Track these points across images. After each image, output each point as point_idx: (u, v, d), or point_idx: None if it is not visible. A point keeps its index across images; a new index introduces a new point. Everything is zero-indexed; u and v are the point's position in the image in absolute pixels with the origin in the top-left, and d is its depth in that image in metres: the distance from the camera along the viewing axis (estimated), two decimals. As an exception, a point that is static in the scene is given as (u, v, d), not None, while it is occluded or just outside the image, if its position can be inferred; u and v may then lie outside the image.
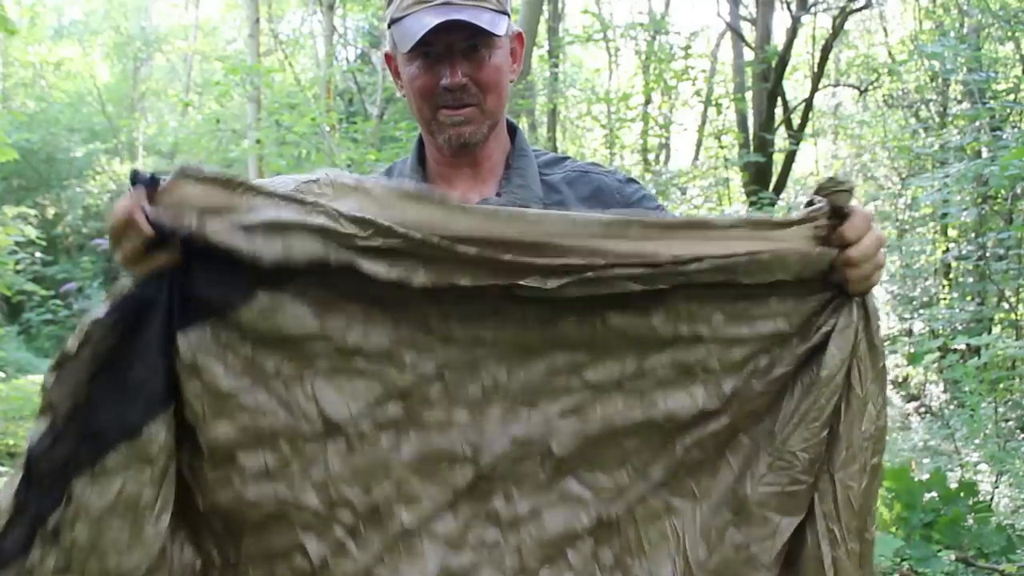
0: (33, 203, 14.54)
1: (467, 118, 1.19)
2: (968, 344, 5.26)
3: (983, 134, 6.62)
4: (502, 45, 1.21)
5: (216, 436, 0.92)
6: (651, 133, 8.97)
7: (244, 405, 0.93)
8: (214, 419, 0.92)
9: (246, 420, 0.93)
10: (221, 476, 0.93)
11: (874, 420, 0.96)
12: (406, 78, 1.23)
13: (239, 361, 0.93)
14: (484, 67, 1.19)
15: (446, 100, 1.19)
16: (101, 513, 0.88)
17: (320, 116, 7.23)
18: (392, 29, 1.21)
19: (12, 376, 8.79)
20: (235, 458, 0.93)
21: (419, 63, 1.19)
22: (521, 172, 1.26)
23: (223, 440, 0.93)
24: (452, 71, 1.17)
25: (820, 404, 0.96)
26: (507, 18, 1.19)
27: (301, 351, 0.94)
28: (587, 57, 16.75)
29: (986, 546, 3.33)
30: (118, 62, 18.55)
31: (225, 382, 0.92)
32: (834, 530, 0.96)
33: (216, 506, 0.95)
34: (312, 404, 0.94)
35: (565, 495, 0.98)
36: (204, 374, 0.91)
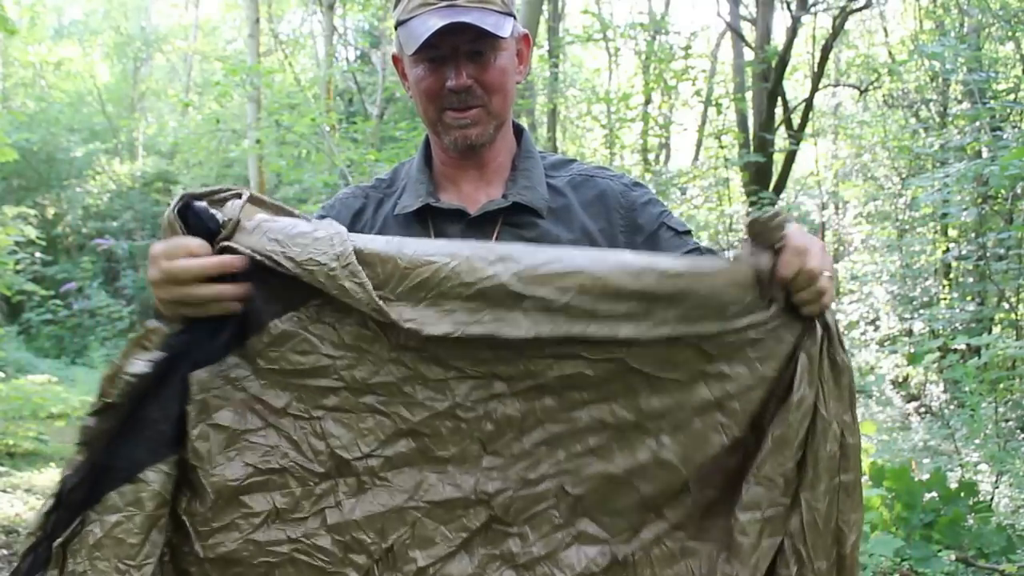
0: (33, 203, 14.54)
1: (473, 120, 1.20)
2: (968, 344, 5.26)
3: (983, 134, 6.62)
4: (507, 47, 1.21)
5: (224, 477, 0.92)
6: (651, 133, 8.95)
7: (253, 444, 0.93)
8: (222, 460, 0.92)
9: (255, 459, 0.92)
10: (228, 520, 0.92)
11: (839, 439, 0.96)
12: (412, 80, 1.23)
13: (248, 399, 0.93)
14: (489, 69, 1.19)
15: (452, 102, 1.19)
16: (93, 549, 0.90)
17: (320, 116, 7.22)
18: (399, 31, 1.21)
19: (12, 376, 8.78)
20: (243, 501, 0.92)
21: (425, 65, 1.19)
22: (527, 174, 1.26)
23: (231, 481, 0.92)
24: (457, 73, 1.17)
25: (793, 427, 0.95)
26: (512, 20, 1.19)
27: (311, 387, 0.93)
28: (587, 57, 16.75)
29: (986, 546, 3.32)
30: (118, 62, 18.55)
31: (233, 421, 0.92)
32: (800, 551, 0.96)
33: (219, 553, 0.93)
34: (322, 442, 0.93)
35: (581, 535, 0.97)
36: (212, 413, 0.92)
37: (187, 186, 15.49)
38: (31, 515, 4.44)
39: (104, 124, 17.02)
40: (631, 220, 1.25)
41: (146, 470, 0.91)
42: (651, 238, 1.24)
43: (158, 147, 16.62)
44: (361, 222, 1.28)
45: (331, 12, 11.19)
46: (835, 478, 0.96)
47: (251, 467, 0.92)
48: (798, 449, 0.96)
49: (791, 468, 0.96)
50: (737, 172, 7.71)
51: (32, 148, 14.63)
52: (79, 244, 15.94)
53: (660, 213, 1.26)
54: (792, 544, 0.96)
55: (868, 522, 3.46)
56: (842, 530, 0.96)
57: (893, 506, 3.51)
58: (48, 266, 13.55)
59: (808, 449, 0.96)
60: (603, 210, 1.25)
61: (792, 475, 0.96)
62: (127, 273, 14.90)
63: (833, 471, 0.96)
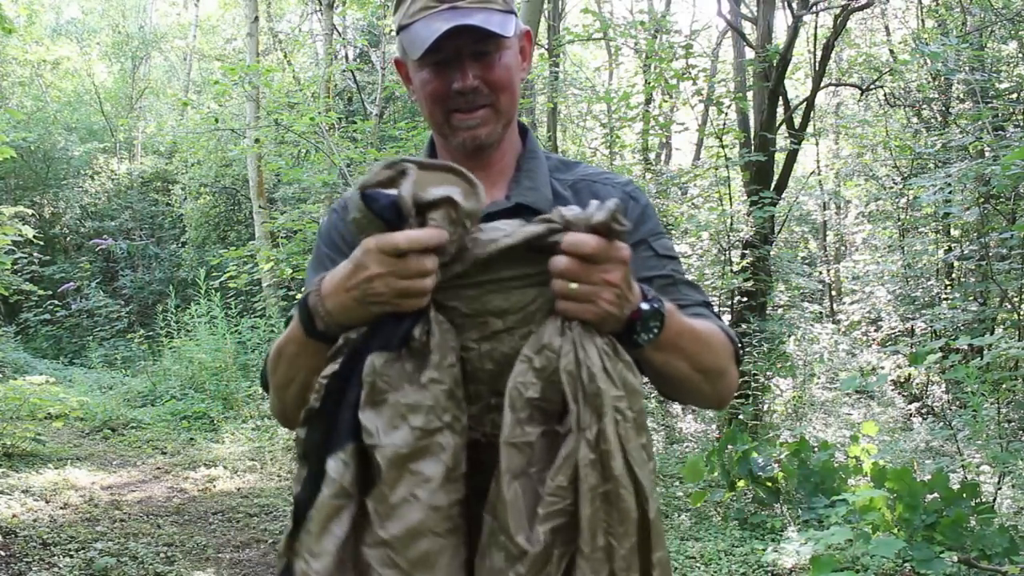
0: (31, 202, 14.53)
1: (482, 120, 1.19)
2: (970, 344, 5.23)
3: (986, 133, 6.60)
4: (511, 45, 1.20)
5: (394, 445, 0.94)
6: (652, 132, 8.93)
7: (416, 407, 0.96)
8: (389, 430, 0.94)
9: (420, 422, 0.95)
10: (405, 493, 0.93)
11: (593, 448, 0.93)
12: (417, 83, 1.22)
13: (413, 375, 0.97)
14: (495, 68, 1.18)
15: (459, 104, 1.18)
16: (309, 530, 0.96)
17: (319, 115, 7.20)
18: (401, 36, 1.19)
19: (10, 376, 8.77)
20: (414, 468, 0.94)
21: (430, 68, 1.18)
22: (531, 174, 1.25)
23: (401, 449, 0.94)
24: (463, 74, 1.16)
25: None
26: (514, 17, 1.19)
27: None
28: (587, 56, 16.74)
29: (989, 547, 3.30)
30: (116, 61, 18.55)
31: (400, 396, 0.96)
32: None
33: (404, 529, 0.94)
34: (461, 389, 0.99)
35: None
36: (380, 394, 0.96)
37: (186, 186, 15.59)
38: (28, 516, 4.42)
39: (102, 123, 17.02)
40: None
41: (327, 459, 0.95)
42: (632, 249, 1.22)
43: (156, 146, 16.62)
44: None
45: (330, 11, 11.18)
46: (596, 487, 0.93)
47: (417, 430, 0.95)
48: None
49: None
50: (738, 172, 7.68)
51: (30, 147, 14.61)
52: (77, 244, 15.93)
53: (649, 231, 1.25)
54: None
55: (870, 523, 3.44)
56: (611, 544, 0.94)
57: (895, 507, 3.49)
58: (46, 266, 13.53)
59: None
60: None
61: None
62: (125, 273, 14.88)
63: (591, 479, 0.93)
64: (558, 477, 0.93)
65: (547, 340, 0.96)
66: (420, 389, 0.96)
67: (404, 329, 0.97)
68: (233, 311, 9.56)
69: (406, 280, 0.94)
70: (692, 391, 1.13)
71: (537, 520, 0.92)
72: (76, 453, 6.22)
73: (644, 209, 1.27)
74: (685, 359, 1.09)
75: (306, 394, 1.07)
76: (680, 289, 1.22)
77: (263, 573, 3.98)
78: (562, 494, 0.92)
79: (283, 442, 6.45)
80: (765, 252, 7.06)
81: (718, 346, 1.14)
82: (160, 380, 8.75)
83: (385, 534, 0.92)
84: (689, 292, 1.23)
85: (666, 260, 1.24)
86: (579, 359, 0.95)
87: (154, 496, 5.18)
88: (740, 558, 3.96)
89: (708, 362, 1.12)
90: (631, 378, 0.97)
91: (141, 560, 3.89)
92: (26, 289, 9.82)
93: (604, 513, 0.93)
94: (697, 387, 1.12)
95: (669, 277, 1.22)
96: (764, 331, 6.72)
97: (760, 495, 4.56)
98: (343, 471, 0.94)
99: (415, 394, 0.95)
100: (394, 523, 0.92)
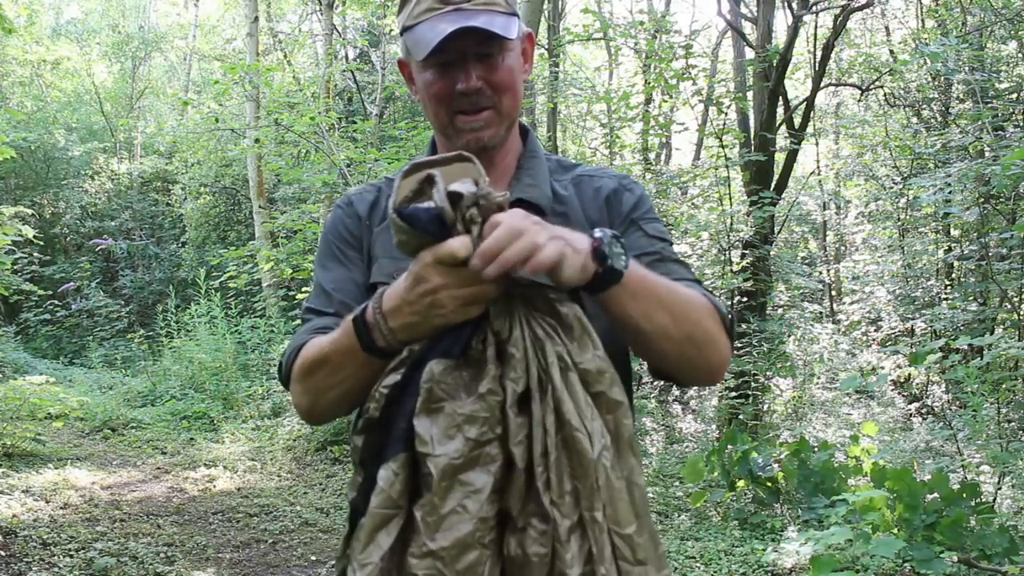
0: (31, 202, 14.52)
1: (486, 122, 1.20)
2: (970, 344, 5.23)
3: (985, 133, 6.60)
4: (514, 47, 1.22)
5: (447, 454, 0.94)
6: (651, 132, 8.93)
7: (473, 418, 0.95)
8: (443, 439, 0.94)
9: (475, 433, 0.95)
10: (454, 504, 0.93)
11: (544, 397, 0.95)
12: (421, 85, 1.23)
13: (469, 385, 0.98)
14: (498, 70, 1.19)
15: (462, 105, 1.19)
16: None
17: (319, 115, 7.20)
18: (405, 37, 1.20)
19: (9, 376, 8.77)
20: (464, 479, 0.94)
21: (434, 70, 1.19)
22: (531, 172, 1.27)
23: (454, 459, 0.94)
24: (467, 76, 1.17)
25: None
26: (517, 19, 1.20)
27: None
28: (587, 56, 16.74)
29: (989, 547, 3.30)
30: (116, 61, 18.54)
31: (456, 406, 0.96)
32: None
33: (452, 541, 0.94)
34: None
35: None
36: (436, 402, 0.96)
37: (186, 186, 15.58)
38: (28, 516, 4.42)
39: (102, 123, 17.02)
40: (616, 211, 1.26)
41: (381, 468, 0.96)
42: (622, 234, 1.21)
43: (156, 146, 16.61)
44: (377, 213, 1.29)
45: (330, 11, 11.17)
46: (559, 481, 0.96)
47: (471, 441, 0.95)
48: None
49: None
50: (738, 172, 7.67)
51: (30, 147, 14.61)
52: (77, 244, 15.93)
53: (641, 215, 1.26)
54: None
55: (870, 523, 3.44)
56: (576, 487, 0.95)
57: (895, 507, 3.49)
58: (46, 266, 13.53)
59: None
60: (598, 205, 1.26)
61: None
62: (125, 273, 14.88)
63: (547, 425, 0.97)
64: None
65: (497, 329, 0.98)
66: (477, 399, 0.95)
67: (465, 337, 0.98)
68: (233, 311, 9.56)
69: (468, 288, 0.94)
70: (680, 356, 1.10)
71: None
72: (76, 453, 6.22)
73: (638, 199, 1.28)
74: (665, 311, 1.06)
75: (345, 398, 1.09)
76: (668, 266, 1.21)
77: (263, 573, 3.98)
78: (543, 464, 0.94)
79: (283, 442, 6.44)
80: (765, 252, 7.06)
81: (701, 308, 1.11)
82: (160, 380, 8.75)
83: (434, 545, 0.92)
84: (678, 269, 1.22)
85: (656, 240, 1.24)
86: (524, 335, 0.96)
87: (154, 496, 5.18)
88: (740, 558, 3.96)
89: (692, 320, 1.09)
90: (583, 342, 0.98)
91: (141, 560, 3.89)
92: (26, 289, 9.82)
93: (566, 458, 0.93)
94: (687, 353, 1.09)
95: (657, 254, 1.21)
96: (764, 331, 6.72)
97: (760, 495, 4.56)
98: (392, 481, 0.95)
99: (472, 404, 0.95)
100: (443, 534, 0.92)
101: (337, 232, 1.29)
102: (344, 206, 1.32)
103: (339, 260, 1.28)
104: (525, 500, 0.93)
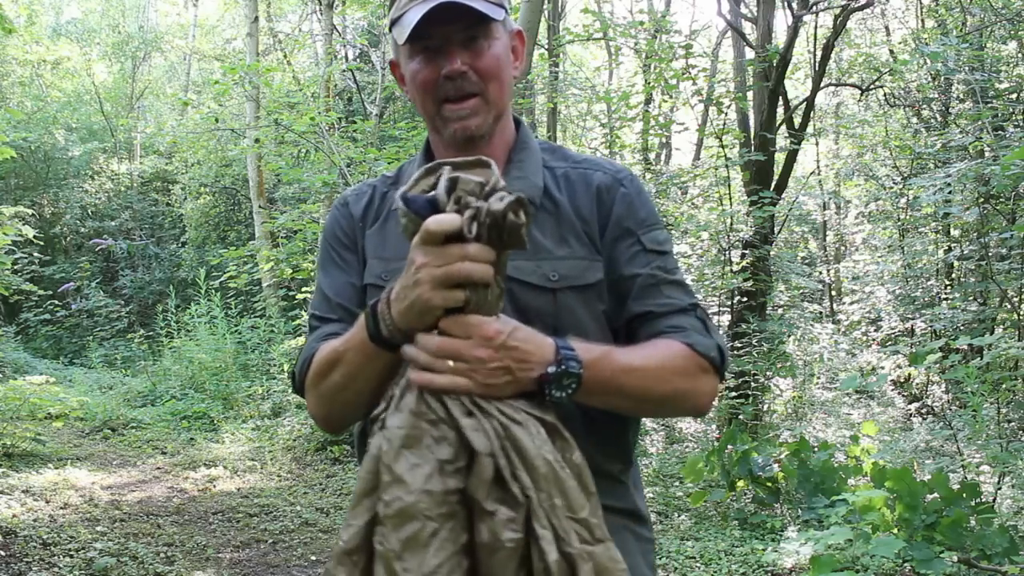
0: (31, 202, 14.52)
1: (472, 110, 1.18)
2: (970, 344, 5.23)
3: (985, 133, 6.60)
4: (500, 36, 1.21)
5: (394, 424, 0.99)
6: (652, 132, 8.93)
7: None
8: (394, 413, 1.00)
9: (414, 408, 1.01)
10: (400, 471, 0.97)
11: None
12: (408, 75, 1.22)
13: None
14: (484, 55, 1.18)
15: (448, 91, 1.18)
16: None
17: (319, 115, 7.20)
18: (393, 30, 1.20)
19: (9, 376, 8.77)
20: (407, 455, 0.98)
21: (419, 58, 1.19)
22: (521, 165, 1.25)
23: (399, 426, 0.98)
24: (451, 59, 1.16)
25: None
26: (504, 10, 1.19)
27: None
28: (587, 56, 16.73)
29: (989, 547, 3.30)
30: (116, 61, 18.53)
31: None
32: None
33: (395, 509, 0.98)
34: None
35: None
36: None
37: (186, 186, 15.56)
38: (28, 516, 4.42)
39: (102, 123, 17.01)
40: (607, 208, 1.22)
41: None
42: (615, 240, 1.20)
43: (156, 146, 16.59)
44: (371, 213, 1.29)
45: (330, 11, 11.17)
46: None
47: (413, 415, 0.98)
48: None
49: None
50: (738, 171, 7.67)
51: (30, 147, 14.62)
52: (77, 244, 15.92)
53: (638, 221, 1.22)
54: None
55: (870, 523, 3.44)
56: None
57: (895, 507, 3.49)
58: (46, 266, 13.53)
59: None
60: (590, 198, 1.22)
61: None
62: (125, 273, 14.88)
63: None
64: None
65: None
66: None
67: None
68: (233, 311, 9.56)
69: (444, 266, 0.94)
70: (656, 414, 1.13)
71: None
72: (76, 453, 6.22)
73: (634, 198, 1.23)
74: (624, 398, 1.07)
75: (359, 400, 1.10)
76: (662, 290, 1.18)
77: (263, 573, 3.98)
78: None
79: (283, 442, 6.45)
80: (765, 252, 7.06)
81: (670, 373, 1.11)
82: (160, 380, 8.75)
83: (382, 511, 0.95)
84: (673, 293, 1.19)
85: (653, 256, 1.20)
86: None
87: (154, 496, 5.18)
88: (740, 558, 3.96)
89: (657, 393, 1.10)
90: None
91: (141, 560, 3.89)
92: (26, 289, 9.83)
93: (513, 450, 0.96)
94: (654, 413, 1.11)
95: (652, 277, 1.18)
96: (764, 331, 6.72)
97: (760, 495, 4.56)
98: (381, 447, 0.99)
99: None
100: (388, 503, 0.95)
101: (334, 235, 1.30)
102: (340, 207, 1.33)
103: (336, 264, 1.29)
104: (491, 487, 0.94)
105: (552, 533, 0.93)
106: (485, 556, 0.94)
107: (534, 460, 0.95)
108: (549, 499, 0.94)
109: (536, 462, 0.95)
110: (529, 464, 0.95)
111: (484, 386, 0.96)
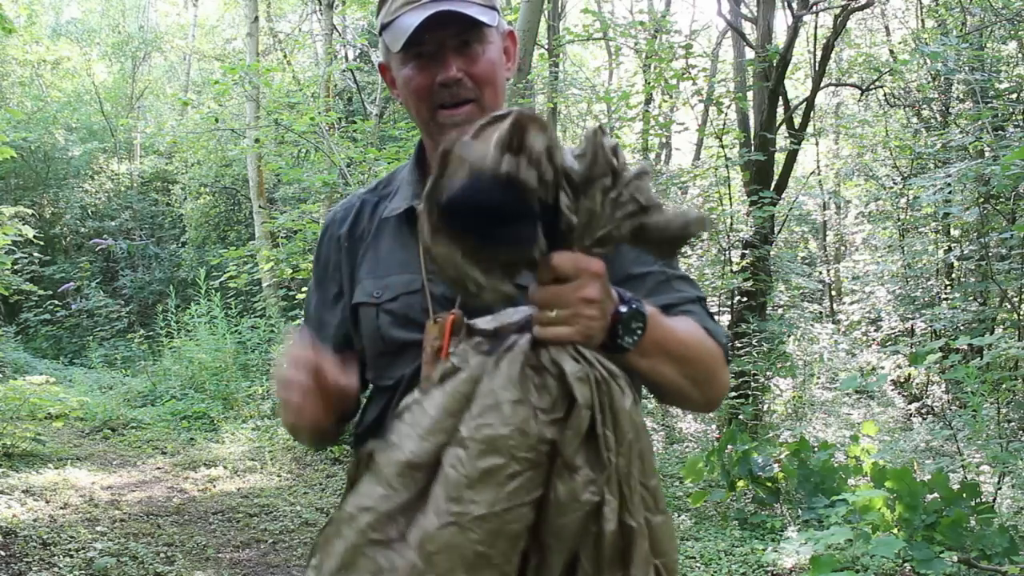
0: (31, 202, 14.51)
1: (467, 116, 1.17)
2: (970, 344, 5.23)
3: (985, 133, 6.60)
4: (493, 39, 1.20)
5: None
6: (652, 132, 8.93)
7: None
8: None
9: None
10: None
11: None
12: (401, 81, 1.21)
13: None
14: (478, 61, 1.17)
15: (443, 98, 1.17)
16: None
17: (319, 115, 7.20)
18: (383, 35, 1.19)
19: (9, 376, 8.76)
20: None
21: (412, 64, 1.18)
22: None
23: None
24: (446, 66, 1.15)
25: None
26: (496, 13, 1.19)
27: None
28: (587, 56, 16.74)
29: (989, 547, 3.30)
30: (116, 61, 18.53)
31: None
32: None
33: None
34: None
35: None
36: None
37: (186, 186, 15.57)
38: (28, 516, 4.42)
39: (102, 123, 17.00)
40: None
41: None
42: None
43: (156, 146, 16.58)
44: (360, 225, 1.29)
45: (330, 11, 11.17)
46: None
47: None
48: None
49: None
50: (738, 171, 7.67)
51: (30, 147, 14.61)
52: (77, 244, 15.92)
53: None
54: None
55: (870, 523, 3.44)
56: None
57: (895, 507, 3.49)
58: (46, 266, 13.53)
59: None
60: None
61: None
62: (125, 273, 14.87)
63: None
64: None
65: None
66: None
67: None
68: (233, 311, 9.55)
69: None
70: (681, 397, 1.11)
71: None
72: (76, 453, 6.22)
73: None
74: (671, 363, 1.05)
75: (315, 416, 1.14)
76: (673, 285, 1.19)
77: (263, 573, 3.98)
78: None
79: (283, 442, 6.44)
80: (765, 252, 7.06)
81: (705, 350, 1.11)
82: (160, 380, 8.74)
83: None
84: (682, 287, 1.20)
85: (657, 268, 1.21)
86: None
87: (154, 496, 5.18)
88: (740, 558, 3.96)
89: (696, 366, 1.09)
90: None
91: (141, 560, 3.89)
92: (26, 289, 9.83)
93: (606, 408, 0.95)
94: (687, 393, 1.10)
95: (662, 274, 1.19)
96: (764, 331, 6.72)
97: (760, 495, 4.56)
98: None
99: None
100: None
101: (317, 256, 1.33)
102: (326, 227, 1.34)
103: (319, 284, 1.33)
104: (579, 445, 0.90)
105: (618, 501, 0.91)
106: (554, 515, 0.90)
107: (623, 422, 0.92)
108: (627, 465, 0.91)
109: (624, 424, 0.92)
110: (618, 424, 0.91)
111: (585, 329, 0.92)
